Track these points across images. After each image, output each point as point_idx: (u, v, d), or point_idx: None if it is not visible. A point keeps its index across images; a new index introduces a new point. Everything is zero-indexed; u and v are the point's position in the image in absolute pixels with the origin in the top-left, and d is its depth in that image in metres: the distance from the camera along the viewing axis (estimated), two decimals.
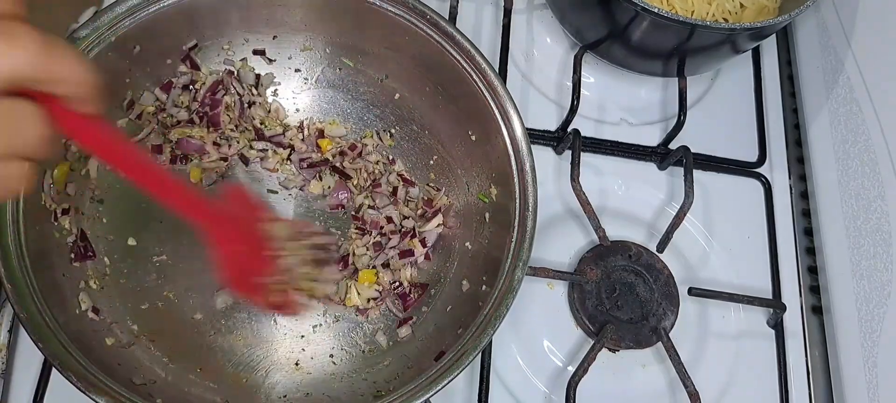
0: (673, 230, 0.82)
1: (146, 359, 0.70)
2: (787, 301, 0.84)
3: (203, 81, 0.79)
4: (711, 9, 0.85)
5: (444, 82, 0.77)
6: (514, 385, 0.77)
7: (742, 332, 0.83)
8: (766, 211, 0.89)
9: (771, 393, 0.80)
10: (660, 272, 0.81)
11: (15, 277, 0.61)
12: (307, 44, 0.81)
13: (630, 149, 0.89)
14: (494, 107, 0.72)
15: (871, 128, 0.79)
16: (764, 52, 0.98)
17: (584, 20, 0.88)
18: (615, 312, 0.79)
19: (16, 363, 0.71)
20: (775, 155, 0.92)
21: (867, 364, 0.76)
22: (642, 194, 0.88)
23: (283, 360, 0.74)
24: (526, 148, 0.71)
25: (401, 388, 0.64)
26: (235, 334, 0.74)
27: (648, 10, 0.75)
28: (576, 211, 0.83)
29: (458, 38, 0.73)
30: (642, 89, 0.94)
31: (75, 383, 0.59)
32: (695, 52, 0.85)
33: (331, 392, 0.72)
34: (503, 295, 0.66)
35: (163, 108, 0.78)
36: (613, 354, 0.79)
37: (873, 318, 0.75)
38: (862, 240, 0.79)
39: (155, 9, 0.72)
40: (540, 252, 0.82)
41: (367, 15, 0.76)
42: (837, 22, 0.88)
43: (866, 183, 0.79)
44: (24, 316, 0.60)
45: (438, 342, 0.72)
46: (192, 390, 0.70)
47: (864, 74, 0.81)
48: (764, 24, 0.76)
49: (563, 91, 0.92)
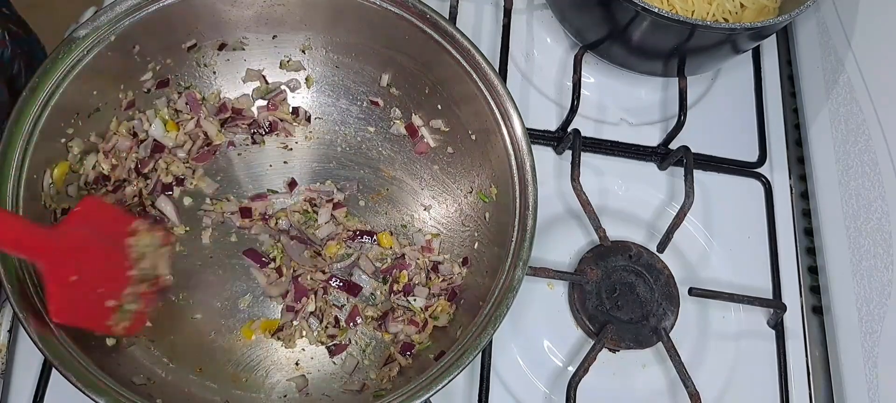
0: (673, 230, 0.82)
1: (146, 359, 0.70)
2: (787, 301, 0.83)
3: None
4: (712, 9, 0.85)
5: (444, 82, 0.77)
6: (514, 385, 0.77)
7: (742, 332, 0.83)
8: (767, 211, 0.89)
9: (771, 393, 0.80)
10: (660, 272, 0.81)
11: (15, 277, 0.61)
12: (307, 43, 0.81)
13: (630, 149, 0.89)
14: (494, 107, 0.73)
15: (871, 128, 0.79)
16: (764, 52, 0.98)
17: (584, 20, 0.88)
18: (615, 312, 0.78)
19: (16, 363, 0.71)
20: (775, 155, 0.92)
21: (867, 364, 0.75)
22: (642, 194, 0.88)
23: (283, 360, 0.74)
24: (526, 148, 0.71)
25: (401, 388, 0.63)
26: (235, 334, 0.74)
27: (649, 10, 0.75)
28: (576, 211, 0.83)
29: (458, 37, 0.73)
30: (642, 89, 0.94)
31: (75, 383, 0.59)
32: (695, 52, 0.85)
33: (331, 392, 0.72)
34: (503, 294, 0.66)
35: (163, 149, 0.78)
36: (613, 354, 0.79)
37: (873, 318, 0.75)
38: (862, 240, 0.79)
39: (155, 8, 0.72)
40: (540, 252, 0.82)
41: (368, 15, 0.76)
42: (837, 22, 0.88)
43: (866, 183, 0.79)
44: (24, 315, 0.60)
45: (439, 342, 0.72)
46: (192, 390, 0.70)
47: (864, 74, 0.81)
48: (764, 24, 0.76)
49: (563, 91, 0.92)
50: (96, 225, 0.66)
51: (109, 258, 0.66)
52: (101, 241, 0.65)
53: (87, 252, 0.64)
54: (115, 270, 0.66)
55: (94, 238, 0.65)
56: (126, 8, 0.70)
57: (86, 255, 0.64)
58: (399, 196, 0.82)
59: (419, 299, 0.75)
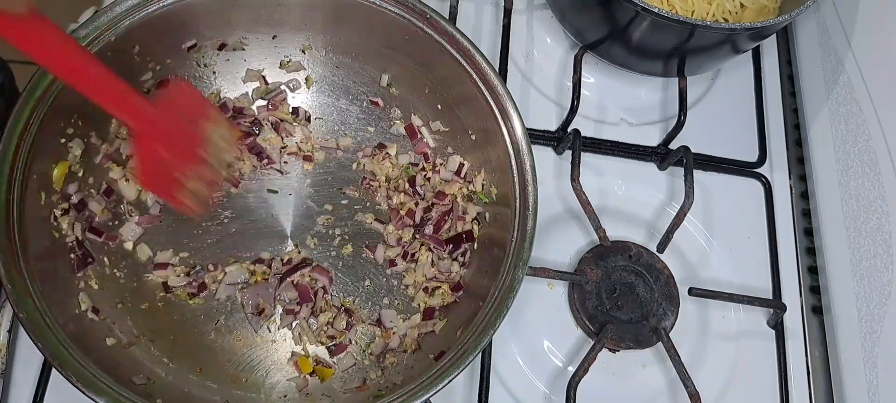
0: (673, 230, 0.82)
1: (146, 359, 0.70)
2: (787, 301, 0.83)
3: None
4: (711, 9, 0.85)
5: (443, 82, 0.77)
6: (514, 385, 0.77)
7: (742, 332, 0.83)
8: (767, 211, 0.89)
9: (771, 393, 0.80)
10: (660, 272, 0.81)
11: (14, 277, 0.61)
12: (307, 43, 0.81)
13: (630, 149, 0.89)
14: (494, 107, 0.72)
15: (871, 128, 0.79)
16: (764, 52, 0.98)
17: (584, 20, 0.88)
18: (615, 312, 0.78)
19: (16, 363, 0.71)
20: (775, 155, 0.92)
21: (867, 364, 0.75)
22: (642, 194, 0.88)
23: (283, 360, 0.74)
24: (526, 148, 0.71)
25: (401, 388, 0.63)
26: (235, 334, 0.74)
27: (649, 10, 0.75)
28: (576, 211, 0.83)
29: (458, 38, 0.73)
30: (642, 89, 0.94)
31: (75, 383, 0.59)
32: (695, 52, 0.85)
33: (331, 392, 0.72)
34: (503, 294, 0.66)
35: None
36: (613, 354, 0.79)
37: (873, 318, 0.75)
38: (862, 240, 0.79)
39: (154, 9, 0.72)
40: (540, 252, 0.82)
41: (368, 15, 0.76)
42: (837, 22, 0.88)
43: (866, 183, 0.79)
44: (24, 315, 0.60)
45: (439, 342, 0.72)
46: (192, 390, 0.70)
47: (864, 74, 0.81)
48: (764, 24, 0.76)
49: (563, 91, 0.92)
50: (183, 104, 0.69)
51: (188, 136, 0.69)
52: (184, 119, 0.68)
53: (173, 128, 0.67)
54: (190, 147, 0.69)
55: (181, 116, 0.68)
56: (126, 8, 0.70)
57: (172, 131, 0.66)
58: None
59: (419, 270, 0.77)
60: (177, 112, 0.68)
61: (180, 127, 0.68)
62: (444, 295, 0.76)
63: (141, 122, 0.63)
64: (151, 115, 0.64)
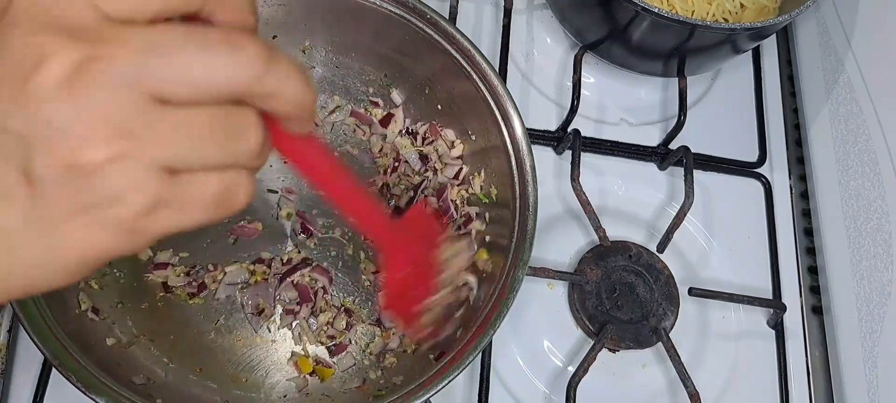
0: (673, 230, 0.82)
1: (146, 359, 0.70)
2: (787, 301, 0.83)
3: None
4: (711, 9, 0.85)
5: (443, 82, 0.77)
6: (514, 385, 0.77)
7: (742, 332, 0.83)
8: (767, 212, 0.89)
9: (771, 393, 0.80)
10: (660, 272, 0.81)
11: None
12: (307, 44, 0.81)
13: (630, 149, 0.89)
14: (494, 107, 0.72)
15: (871, 128, 0.79)
16: (764, 52, 0.98)
17: (584, 20, 0.88)
18: (615, 312, 0.78)
19: (16, 363, 0.71)
20: (775, 155, 0.92)
21: (867, 364, 0.75)
22: (642, 194, 0.88)
23: (282, 360, 0.74)
24: (526, 148, 0.71)
25: (401, 388, 0.63)
26: (235, 334, 0.74)
27: (648, 10, 0.75)
28: (576, 211, 0.83)
29: (458, 38, 0.73)
30: (642, 89, 0.94)
31: (75, 383, 0.59)
32: (695, 52, 0.85)
33: (330, 393, 0.72)
34: (503, 295, 0.66)
35: None
36: (613, 354, 0.79)
37: (873, 318, 0.75)
38: (862, 240, 0.79)
39: None
40: (540, 252, 0.82)
41: (368, 15, 0.76)
42: (837, 22, 0.88)
43: (866, 183, 0.79)
44: (24, 315, 0.60)
45: (439, 342, 0.72)
46: (192, 390, 0.70)
47: (864, 74, 0.81)
48: (764, 24, 0.76)
49: (563, 91, 0.92)
50: (421, 227, 0.67)
51: (427, 261, 0.67)
52: (423, 244, 0.67)
53: (414, 250, 0.65)
54: (428, 273, 0.67)
55: (421, 239, 0.66)
56: None
57: (413, 253, 0.65)
58: None
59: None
60: (417, 234, 0.66)
61: (420, 249, 0.66)
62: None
63: (391, 244, 0.61)
64: (395, 236, 0.61)
